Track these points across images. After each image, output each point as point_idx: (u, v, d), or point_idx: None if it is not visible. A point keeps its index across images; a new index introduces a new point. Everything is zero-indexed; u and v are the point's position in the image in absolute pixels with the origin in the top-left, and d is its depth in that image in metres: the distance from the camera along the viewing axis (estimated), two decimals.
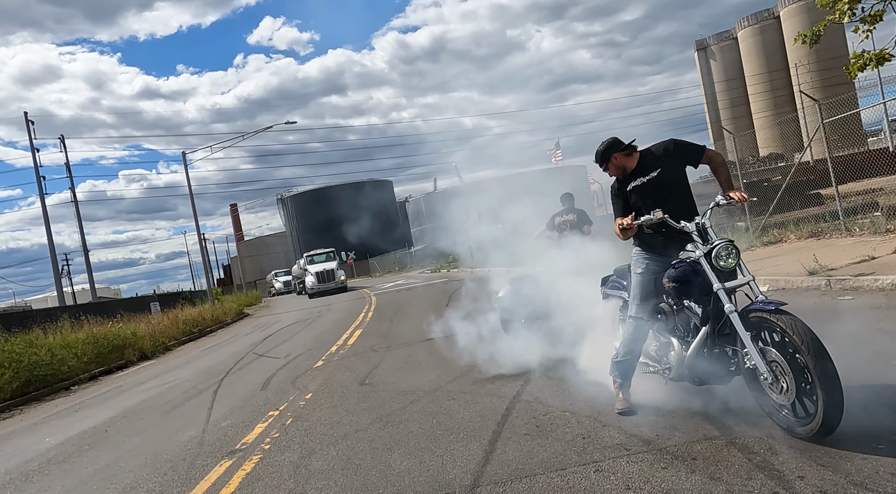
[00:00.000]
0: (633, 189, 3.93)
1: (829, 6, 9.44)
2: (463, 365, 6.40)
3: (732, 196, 3.64)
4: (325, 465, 4.10)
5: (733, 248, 3.47)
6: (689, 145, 3.92)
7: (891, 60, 7.76)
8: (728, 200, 3.65)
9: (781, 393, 3.19)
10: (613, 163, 3.99)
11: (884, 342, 4.55)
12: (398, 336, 10.14)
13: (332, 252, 34.12)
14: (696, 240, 3.58)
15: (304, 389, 6.95)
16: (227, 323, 23.91)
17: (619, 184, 4.05)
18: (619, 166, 3.99)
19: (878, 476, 2.66)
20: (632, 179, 3.95)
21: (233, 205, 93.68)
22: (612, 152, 3.97)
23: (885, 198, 13.39)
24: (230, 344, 15.41)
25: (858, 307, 6.08)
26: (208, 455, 4.91)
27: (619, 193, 4.04)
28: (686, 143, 3.93)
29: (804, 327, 3.05)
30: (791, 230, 11.95)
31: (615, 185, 4.09)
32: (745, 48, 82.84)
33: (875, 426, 3.10)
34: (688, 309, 3.74)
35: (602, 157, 4.02)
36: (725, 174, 3.85)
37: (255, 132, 28.31)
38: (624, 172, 4.00)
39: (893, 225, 9.86)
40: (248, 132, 28.80)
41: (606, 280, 4.89)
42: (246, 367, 10.10)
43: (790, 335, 3.06)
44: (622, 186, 4.01)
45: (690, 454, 3.23)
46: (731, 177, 3.87)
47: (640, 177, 3.91)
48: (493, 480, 3.36)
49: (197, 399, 7.86)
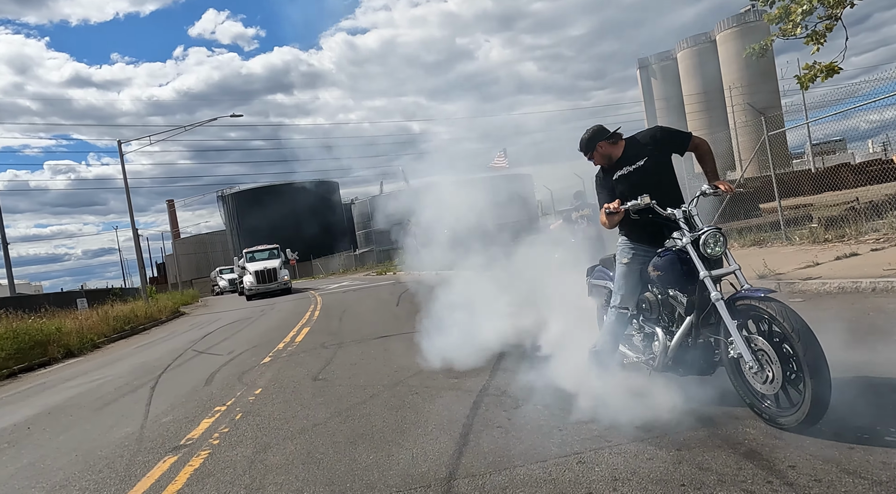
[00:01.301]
0: (619, 178, 3.83)
1: (778, 21, 9.81)
2: (422, 360, 6.18)
3: (719, 185, 3.59)
4: (283, 460, 3.80)
5: (721, 236, 3.41)
6: (676, 132, 3.86)
7: (840, 72, 8.09)
8: (714, 190, 3.60)
9: (767, 383, 3.14)
10: (599, 151, 3.87)
11: (843, 338, 4.63)
12: (350, 333, 9.81)
13: (275, 249, 31.02)
14: (682, 228, 3.50)
15: (252, 384, 6.57)
16: (163, 321, 22.80)
17: (605, 173, 3.95)
18: (605, 154, 3.88)
19: (869, 464, 2.62)
20: (617, 168, 3.85)
21: (169, 201, 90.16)
22: (597, 140, 3.86)
23: (819, 212, 14.07)
24: (166, 342, 14.62)
25: (811, 307, 6.24)
26: (149, 451, 4.50)
27: (604, 182, 3.93)
28: (673, 130, 3.87)
29: (794, 314, 3.00)
30: (735, 238, 12.34)
31: (600, 174, 3.98)
32: (683, 68, 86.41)
33: (854, 416, 3.09)
34: (672, 299, 3.66)
35: (587, 146, 3.91)
36: (711, 163, 3.80)
37: (198, 124, 27.21)
38: (609, 161, 3.90)
39: (831, 234, 10.30)
40: (190, 124, 27.66)
41: (592, 270, 4.80)
42: (186, 364, 9.54)
43: (779, 322, 3.02)
44: (607, 175, 3.91)
45: (674, 445, 3.14)
46: (716, 167, 3.82)
47: (626, 166, 3.82)
48: (469, 473, 3.16)
49: (132, 395, 7.32)
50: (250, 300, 26.98)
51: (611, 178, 3.86)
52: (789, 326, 2.96)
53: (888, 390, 3.37)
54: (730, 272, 3.42)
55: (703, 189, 3.64)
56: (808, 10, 8.01)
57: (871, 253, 8.19)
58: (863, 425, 2.97)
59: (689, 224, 3.53)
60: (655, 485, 2.73)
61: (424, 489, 3.05)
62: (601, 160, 3.92)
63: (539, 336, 5.79)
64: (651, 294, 3.83)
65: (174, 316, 24.98)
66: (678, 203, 3.66)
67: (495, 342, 6.09)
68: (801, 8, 8.04)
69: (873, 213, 10.49)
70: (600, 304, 4.64)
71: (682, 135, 3.83)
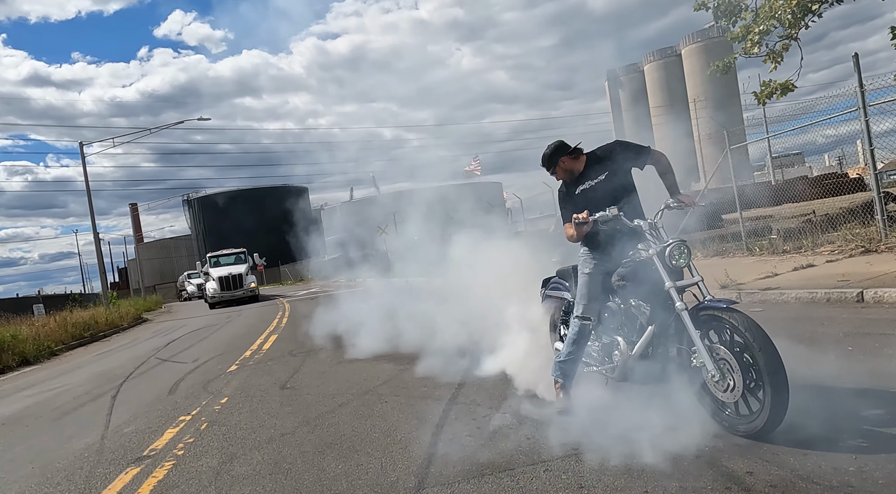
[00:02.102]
0: (581, 192, 3.90)
1: (740, 40, 10.15)
2: (392, 369, 6.18)
3: (682, 199, 3.70)
4: (250, 470, 3.76)
5: (685, 248, 3.50)
6: (635, 146, 3.94)
7: (794, 90, 8.41)
8: (678, 203, 3.71)
9: (727, 391, 3.24)
10: (561, 166, 3.94)
11: (799, 347, 4.80)
12: (319, 341, 9.70)
13: (241, 253, 29.09)
14: (648, 239, 3.60)
15: (218, 393, 6.47)
16: (124, 327, 22.23)
17: (567, 187, 4.02)
18: (567, 169, 3.95)
19: (821, 470, 2.73)
20: (580, 182, 3.92)
21: (133, 205, 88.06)
22: (559, 156, 3.92)
23: (779, 223, 14.53)
24: (128, 349, 14.27)
25: (770, 317, 6.43)
26: (110, 462, 4.40)
27: (567, 197, 3.99)
28: (632, 144, 3.96)
29: (755, 325, 3.11)
30: (699, 249, 12.64)
31: (563, 189, 4.04)
32: (650, 81, 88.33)
33: (808, 424, 3.19)
34: (635, 309, 3.74)
35: (549, 161, 3.97)
36: (672, 177, 3.90)
37: (164, 127, 26.71)
38: (571, 176, 3.97)
39: (789, 246, 10.65)
40: (156, 127, 27.13)
41: (547, 281, 4.87)
42: (149, 372, 9.34)
43: (741, 332, 3.12)
44: (570, 190, 3.99)
45: (635, 453, 3.20)
46: (676, 181, 3.93)
47: (588, 181, 3.90)
48: (438, 481, 3.19)
49: (92, 404, 7.14)
50: (213, 308, 25.49)
51: (574, 192, 3.93)
52: (750, 336, 3.07)
53: (840, 398, 3.50)
54: (693, 283, 3.51)
55: (668, 202, 3.74)
56: (765, 30, 8.32)
57: (826, 264, 8.50)
58: (816, 432, 3.08)
59: (654, 235, 3.62)
60: (620, 492, 2.80)
61: None
62: (563, 175, 3.98)
63: (508, 344, 5.85)
64: (613, 303, 3.90)
65: (136, 322, 24.39)
66: (640, 216, 3.76)
67: (465, 350, 6.13)
68: (758, 28, 8.33)
69: (828, 226, 10.87)
70: (552, 315, 4.75)
71: (641, 149, 3.91)
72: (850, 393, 3.58)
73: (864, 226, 9.64)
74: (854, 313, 5.93)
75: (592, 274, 3.91)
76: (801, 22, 8.05)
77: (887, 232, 8.73)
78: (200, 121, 26.24)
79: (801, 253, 9.77)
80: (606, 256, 3.87)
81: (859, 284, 6.56)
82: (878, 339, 4.82)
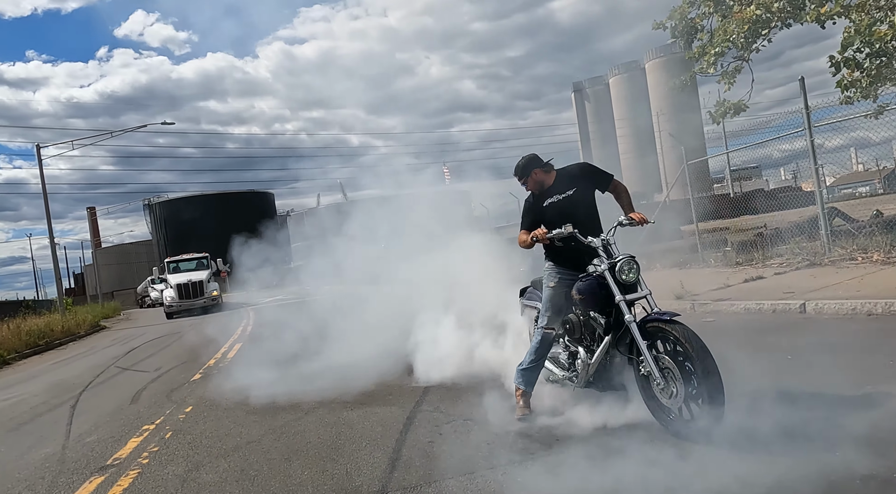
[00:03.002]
0: (549, 205, 4.16)
1: (696, 59, 10.61)
2: (359, 375, 6.26)
3: (633, 217, 3.96)
4: (216, 477, 3.83)
5: (634, 263, 3.75)
6: (601, 172, 4.28)
7: (746, 109, 8.87)
8: (630, 220, 3.97)
9: (671, 397, 3.46)
10: (533, 177, 4.21)
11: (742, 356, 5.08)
12: (285, 350, 9.65)
13: (204, 258, 26.69)
14: (601, 255, 3.83)
15: (181, 402, 6.46)
16: (81, 335, 21.66)
17: (535, 198, 4.27)
18: (538, 181, 4.22)
19: (756, 471, 2.96)
20: (548, 196, 4.19)
21: (91, 208, 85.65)
22: (532, 167, 4.19)
23: (733, 236, 15.11)
24: (86, 358, 13.98)
25: (720, 327, 6.75)
26: (73, 472, 4.40)
27: (533, 207, 4.25)
28: (598, 169, 4.30)
29: (694, 336, 3.35)
30: (658, 260, 13.06)
31: (531, 199, 4.30)
32: (615, 93, 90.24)
33: (745, 428, 3.42)
34: (593, 320, 3.97)
35: (523, 171, 4.23)
36: (627, 199, 4.20)
37: (127, 130, 26.24)
38: (541, 188, 4.23)
39: (742, 258, 11.10)
40: (118, 130, 26.63)
41: (524, 291, 5.07)
42: (109, 381, 9.21)
43: (682, 343, 3.36)
44: (537, 201, 4.23)
45: (590, 456, 3.38)
46: (632, 202, 4.20)
47: (556, 195, 4.17)
48: (401, 486, 3.32)
49: (50, 414, 7.04)
50: (171, 318, 23.56)
51: (541, 205, 4.17)
52: (690, 347, 3.30)
53: (775, 403, 3.74)
54: (642, 296, 3.76)
55: (620, 220, 4.00)
56: (720, 52, 8.74)
57: (775, 276, 8.92)
58: (753, 435, 3.31)
59: (607, 252, 3.86)
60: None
61: None
62: (534, 186, 4.24)
63: (470, 351, 6.01)
64: (574, 315, 4.12)
65: (94, 330, 23.79)
66: (598, 232, 4.00)
67: (428, 358, 6.26)
68: (714, 50, 8.76)
69: (778, 239, 11.39)
70: (532, 324, 4.92)
71: (606, 176, 4.24)
72: (785, 398, 3.83)
73: (810, 240, 10.14)
74: (796, 324, 6.28)
75: (556, 288, 4.15)
76: (752, 45, 8.49)
77: (830, 246, 9.22)
78: (164, 125, 25.72)
79: (753, 266, 10.21)
80: (568, 270, 4.10)
81: (802, 296, 6.93)
82: (816, 348, 5.14)
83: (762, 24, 8.31)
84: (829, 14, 7.07)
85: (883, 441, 3.03)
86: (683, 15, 10.46)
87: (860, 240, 9.28)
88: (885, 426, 3.21)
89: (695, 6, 10.38)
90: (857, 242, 9.16)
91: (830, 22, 7.11)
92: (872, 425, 3.22)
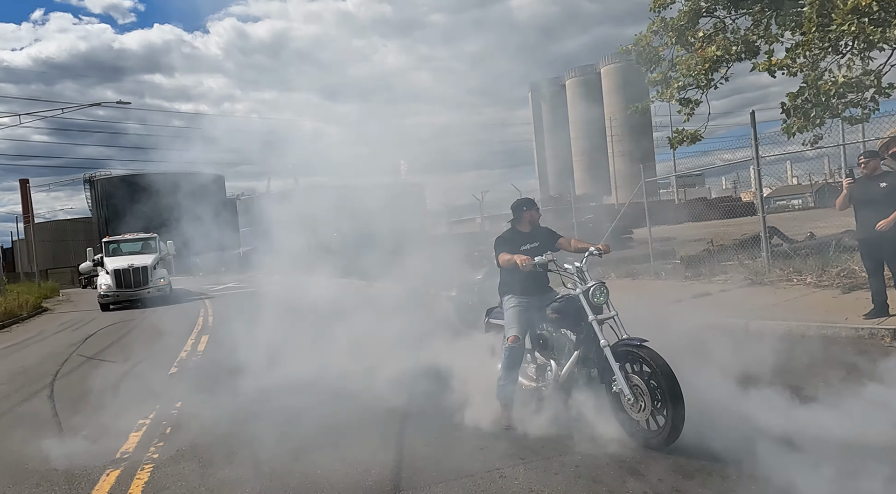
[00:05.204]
0: (524, 250, 4.84)
1: (656, 84, 11.35)
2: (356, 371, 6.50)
3: (601, 247, 4.74)
4: (232, 474, 4.17)
5: (605, 288, 4.43)
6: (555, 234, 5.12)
7: (701, 140, 9.70)
8: (598, 251, 4.72)
9: (639, 411, 4.06)
10: (528, 216, 4.97)
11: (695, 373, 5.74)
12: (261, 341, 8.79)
13: (151, 239, 23.48)
14: (576, 280, 4.49)
15: (167, 396, 6.62)
16: (24, 317, 20.98)
17: (514, 236, 4.99)
18: (531, 221, 5.00)
19: (712, 477, 3.55)
20: (523, 242, 4.93)
21: (23, 181, 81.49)
22: (534, 207, 5.00)
23: (681, 249, 16.11)
24: (38, 344, 13.71)
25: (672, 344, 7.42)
26: (84, 465, 4.62)
27: (508, 243, 4.92)
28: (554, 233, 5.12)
29: (660, 358, 3.99)
30: (612, 269, 13.85)
31: (507, 236, 5.02)
32: (571, 96, 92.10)
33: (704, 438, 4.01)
34: (564, 336, 4.64)
35: (527, 204, 5.01)
36: (577, 242, 5.00)
37: (79, 106, 25.35)
38: (527, 227, 5.00)
39: (690, 272, 11.98)
40: (70, 104, 25.69)
41: (491, 311, 5.59)
42: (76, 371, 9.23)
43: (649, 363, 3.99)
44: (516, 241, 4.93)
45: (574, 462, 3.92)
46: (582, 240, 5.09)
47: (529, 243, 4.94)
48: (412, 485, 3.77)
49: (28, 404, 7.12)
50: (106, 309, 20.09)
51: (518, 247, 4.87)
52: (656, 366, 3.94)
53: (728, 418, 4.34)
54: (610, 316, 4.44)
55: (591, 250, 4.73)
56: (682, 85, 9.49)
57: (720, 293, 9.77)
58: (710, 445, 3.91)
59: (580, 277, 4.51)
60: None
61: None
62: (525, 224, 5.01)
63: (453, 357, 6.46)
64: (547, 332, 4.80)
65: (36, 312, 23.04)
66: None
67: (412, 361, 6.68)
68: (677, 83, 9.50)
69: (723, 255, 12.33)
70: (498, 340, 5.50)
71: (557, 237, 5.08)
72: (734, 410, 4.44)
73: (752, 259, 11.07)
74: (741, 341, 7.00)
75: (517, 307, 4.82)
76: (711, 81, 9.27)
77: (770, 266, 10.14)
78: (120, 105, 24.99)
79: (700, 281, 11.07)
80: (526, 295, 4.84)
81: (745, 315, 7.71)
82: (761, 364, 5.81)
83: (721, 62, 9.08)
84: (779, 65, 7.86)
85: None
86: (648, 43, 11.17)
87: (796, 262, 10.24)
88: None
89: (657, 35, 11.12)
90: (794, 264, 10.11)
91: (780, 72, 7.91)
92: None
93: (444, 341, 6.97)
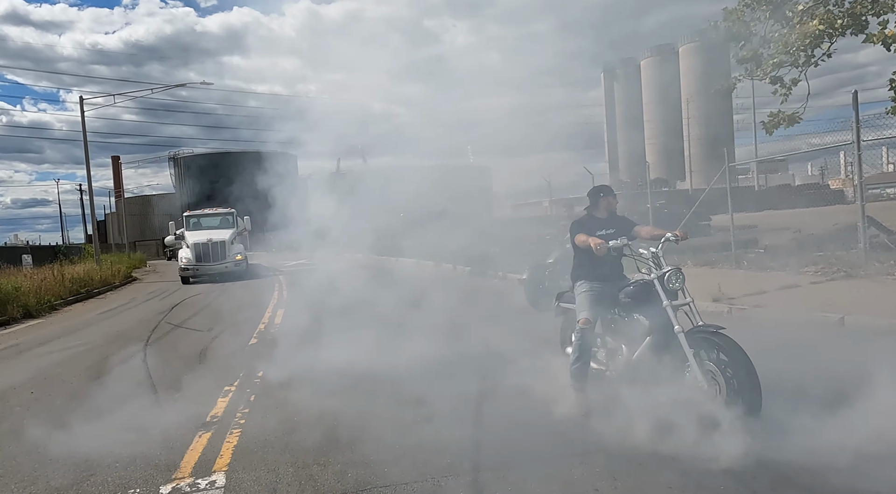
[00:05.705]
0: (600, 236, 4.72)
1: (746, 62, 10.70)
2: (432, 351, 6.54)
3: (678, 234, 4.59)
4: (313, 442, 4.30)
5: (681, 274, 4.32)
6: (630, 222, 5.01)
7: (800, 122, 9.07)
8: (675, 237, 4.58)
9: (713, 399, 3.95)
10: (608, 200, 4.89)
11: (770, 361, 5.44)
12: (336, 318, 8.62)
13: (230, 215, 23.34)
14: (651, 265, 4.41)
15: (249, 365, 6.90)
16: (116, 285, 22.49)
17: (590, 222, 4.92)
18: (607, 207, 4.91)
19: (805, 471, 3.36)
20: (599, 228, 4.84)
21: (115, 157, 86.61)
22: (611, 194, 4.91)
23: (765, 238, 15.31)
24: (131, 310, 14.64)
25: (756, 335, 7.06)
26: (178, 425, 4.89)
27: (585, 229, 4.82)
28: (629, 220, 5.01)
29: (736, 345, 3.92)
30: (689, 256, 13.33)
31: (583, 221, 4.96)
32: (645, 77, 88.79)
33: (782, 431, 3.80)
34: (637, 321, 4.55)
35: (604, 190, 4.92)
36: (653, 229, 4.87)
37: (167, 86, 26.63)
38: (605, 213, 4.92)
39: (775, 263, 11.37)
40: (157, 85, 27.00)
41: (561, 295, 5.49)
42: (166, 337, 9.79)
43: (726, 350, 3.92)
44: (591, 227, 4.85)
45: (657, 452, 3.79)
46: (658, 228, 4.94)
47: (605, 229, 4.83)
48: (490, 466, 3.77)
49: (124, 367, 7.58)
50: (186, 283, 20.42)
51: (593, 232, 4.77)
52: (733, 354, 3.87)
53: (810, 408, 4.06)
54: (685, 303, 4.34)
55: (668, 236, 4.59)
56: (778, 62, 8.90)
57: (810, 285, 9.21)
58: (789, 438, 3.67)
59: (656, 262, 4.42)
60: (646, 485, 3.40)
61: (455, 477, 3.64)
62: (603, 210, 4.93)
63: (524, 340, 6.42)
64: (619, 316, 4.73)
65: (127, 281, 24.63)
66: None
67: (485, 343, 6.68)
68: (772, 61, 8.92)
69: (812, 245, 11.63)
70: (566, 325, 5.44)
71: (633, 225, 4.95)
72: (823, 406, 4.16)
73: (846, 250, 10.38)
74: (835, 337, 6.59)
75: (589, 291, 4.74)
76: (812, 58, 8.65)
77: (867, 258, 9.47)
78: (203, 85, 26.06)
79: (787, 272, 10.49)
80: (598, 277, 4.77)
81: (841, 309, 7.24)
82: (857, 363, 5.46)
83: (823, 37, 8.45)
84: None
85: None
86: (739, 17, 10.54)
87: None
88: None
89: (750, 9, 10.46)
90: (894, 257, 9.40)
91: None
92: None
93: (515, 323, 6.93)
